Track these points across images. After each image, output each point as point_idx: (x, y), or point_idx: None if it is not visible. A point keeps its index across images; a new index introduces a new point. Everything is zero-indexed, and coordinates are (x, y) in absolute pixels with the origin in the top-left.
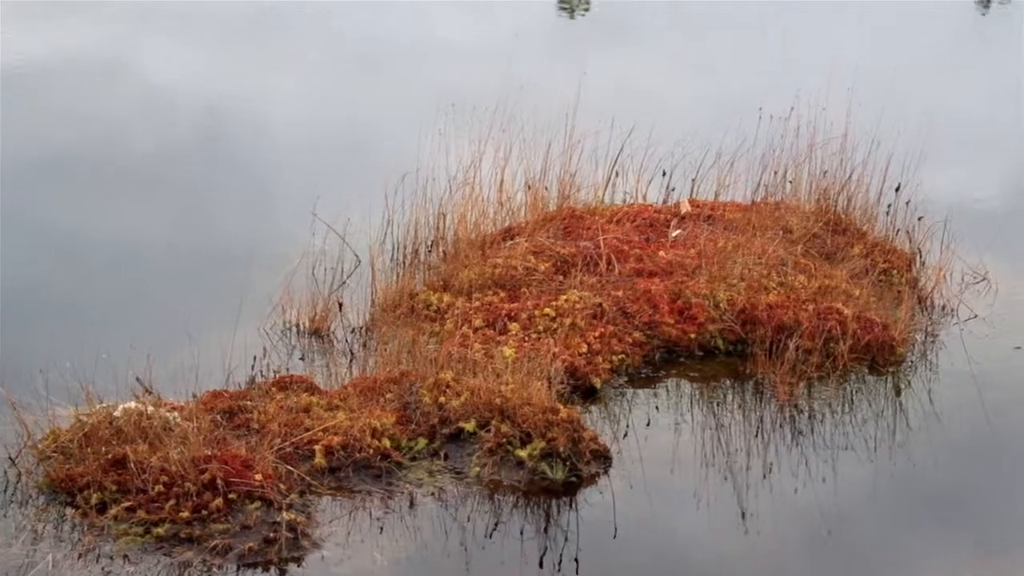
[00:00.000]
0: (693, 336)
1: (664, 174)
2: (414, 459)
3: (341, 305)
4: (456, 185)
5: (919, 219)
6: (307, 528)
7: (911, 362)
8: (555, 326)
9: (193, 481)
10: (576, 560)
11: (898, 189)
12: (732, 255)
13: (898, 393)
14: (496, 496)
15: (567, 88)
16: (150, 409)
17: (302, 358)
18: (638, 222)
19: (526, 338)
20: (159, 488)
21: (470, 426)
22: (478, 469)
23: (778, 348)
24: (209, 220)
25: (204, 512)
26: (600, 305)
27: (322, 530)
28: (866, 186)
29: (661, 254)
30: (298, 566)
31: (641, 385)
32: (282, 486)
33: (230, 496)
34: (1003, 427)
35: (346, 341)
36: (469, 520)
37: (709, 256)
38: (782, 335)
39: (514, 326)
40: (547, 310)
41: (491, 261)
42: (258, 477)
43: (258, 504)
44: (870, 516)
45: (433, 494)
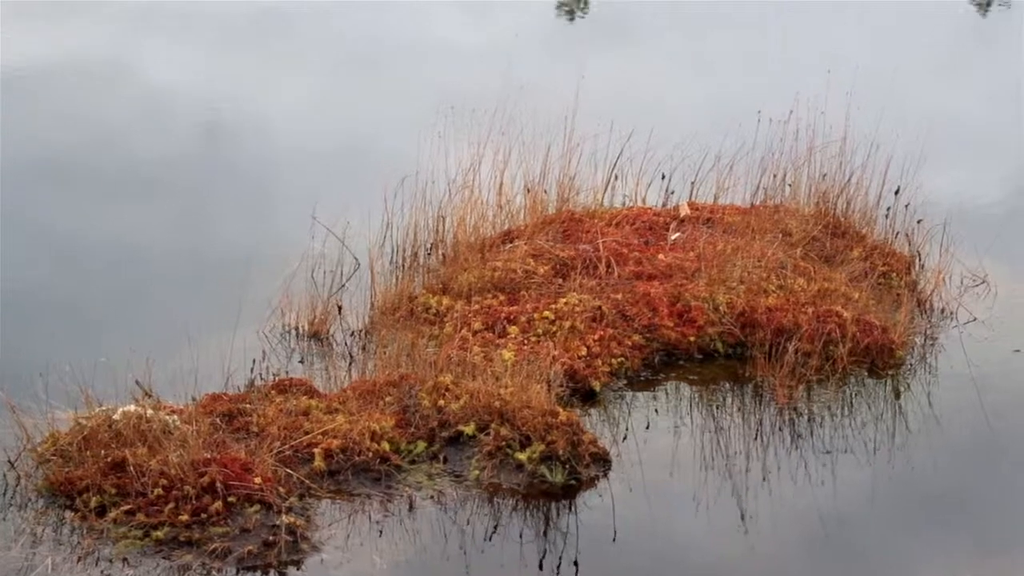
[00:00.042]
0: (692, 339)
1: (663, 177)
2: (413, 462)
3: (340, 308)
4: (455, 188)
5: (918, 222)
6: (306, 531)
7: (910, 365)
8: (554, 329)
9: (192, 484)
10: (575, 563)
11: (897, 192)
12: (731, 258)
13: (897, 396)
14: (495, 499)
15: (566, 90)
16: (149, 412)
17: (301, 361)
18: (637, 225)
19: (525, 341)
20: (158, 491)
21: (469, 429)
22: (477, 472)
23: (777, 351)
24: (208, 223)
25: (203, 515)
26: (599, 308)
27: (321, 533)
28: (865, 189)
29: (660, 257)
30: (297, 569)
31: (640, 388)
32: (281, 489)
33: (229, 499)
34: (1002, 430)
35: (345, 344)
36: (468, 523)
37: (708, 259)
38: (781, 338)
39: (513, 329)
40: (546, 313)
41: (490, 264)
42: (257, 480)
43: (257, 507)
44: (869, 519)
45: (432, 497)
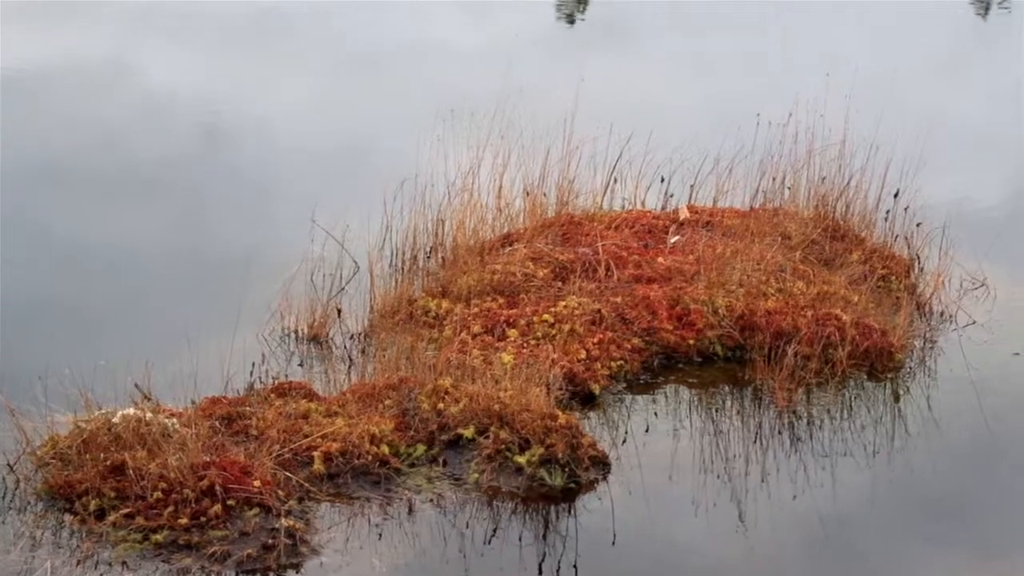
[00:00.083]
0: (692, 342)
1: (662, 180)
2: (413, 465)
3: (340, 311)
4: (455, 191)
5: (918, 225)
6: (306, 534)
7: (910, 368)
8: (554, 332)
9: (192, 487)
10: (575, 567)
11: (897, 195)
12: (731, 261)
13: (897, 399)
14: (495, 502)
15: (565, 93)
16: (149, 415)
17: (301, 364)
18: (637, 228)
19: (525, 344)
20: (158, 494)
21: (469, 432)
22: (477, 475)
23: (777, 354)
24: (208, 226)
25: (203, 518)
26: (599, 311)
27: (321, 536)
28: (864, 192)
29: (660, 260)
30: (297, 572)
31: (640, 391)
32: (281, 492)
33: (229, 502)
34: (1002, 433)
35: (345, 347)
36: (468, 526)
37: (708, 262)
38: (781, 341)
39: (513, 332)
40: (546, 316)
41: (490, 267)
42: (257, 483)
43: (257, 510)
44: (869, 522)
45: (432, 500)
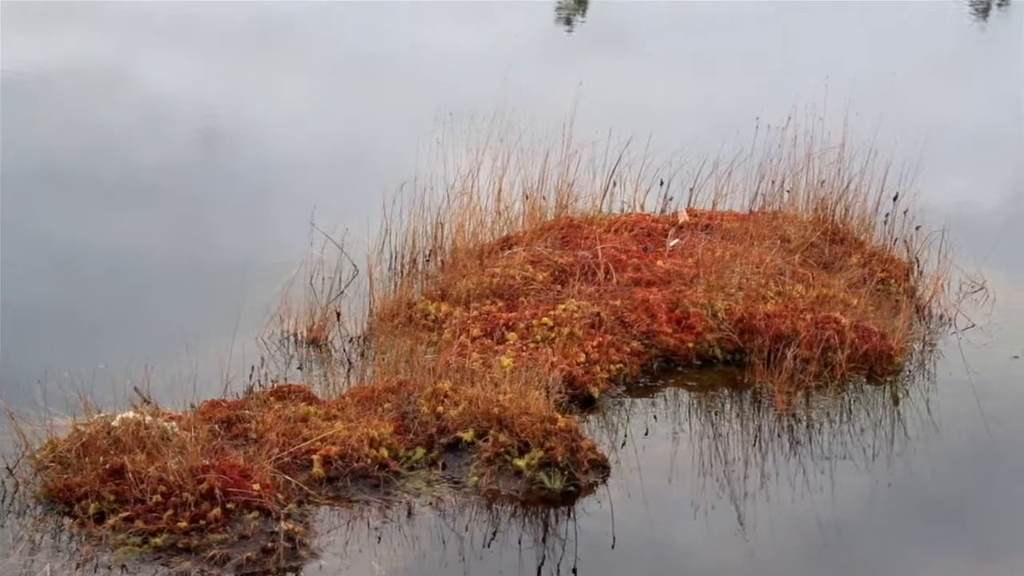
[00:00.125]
0: (691, 345)
1: (662, 183)
2: (412, 469)
3: (339, 314)
4: (454, 194)
5: (917, 228)
6: (305, 538)
7: (909, 371)
8: (553, 335)
9: (191, 491)
10: (574, 570)
11: (896, 198)
12: (730, 264)
13: (896, 402)
14: (494, 506)
15: (565, 97)
16: (148, 419)
17: (300, 367)
18: (636, 231)
19: (524, 347)
20: (157, 498)
21: (468, 435)
22: (476, 479)
23: (776, 357)
24: (207, 229)
25: (202, 522)
26: (598, 314)
27: (320, 540)
28: (864, 195)
29: (659, 263)
30: None
31: (639, 394)
32: (280, 496)
33: (228, 506)
34: (1001, 436)
35: (344, 350)
36: (467, 530)
37: (707, 265)
38: (780, 344)
39: (512, 335)
40: (545, 319)
41: (489, 271)
42: (256, 487)
43: (256, 514)
44: (868, 525)
45: (431, 504)
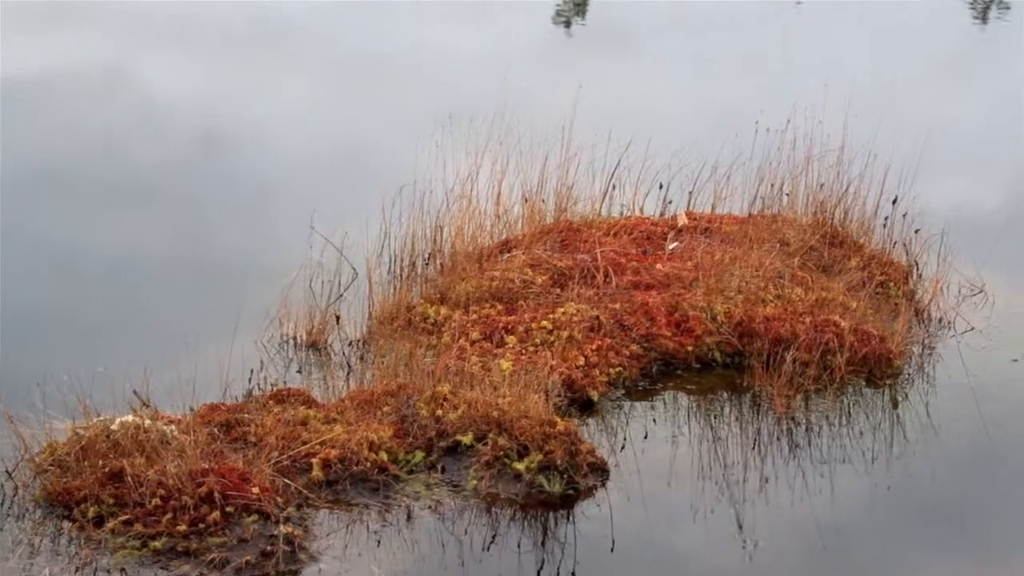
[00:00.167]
0: (690, 349)
1: (661, 187)
2: (411, 472)
3: (338, 318)
4: (453, 198)
5: (916, 231)
6: (304, 541)
7: (908, 374)
8: (552, 339)
9: (190, 494)
10: (573, 573)
11: (895, 201)
12: (729, 268)
13: (895, 405)
14: (493, 509)
15: (564, 99)
16: (147, 422)
17: (299, 371)
18: (635, 235)
19: (523, 351)
20: (156, 501)
21: (467, 439)
22: (475, 482)
23: (775, 360)
24: (206, 233)
25: (201, 525)
26: (597, 318)
27: (319, 543)
28: (863, 199)
29: (658, 267)
30: None
31: (638, 398)
32: (279, 499)
33: (227, 509)
34: (1001, 439)
35: (343, 354)
36: (466, 533)
37: (706, 269)
38: (779, 347)
39: (511, 339)
40: (544, 323)
41: (488, 274)
42: (255, 490)
43: (255, 517)
44: (867, 529)
45: (430, 507)
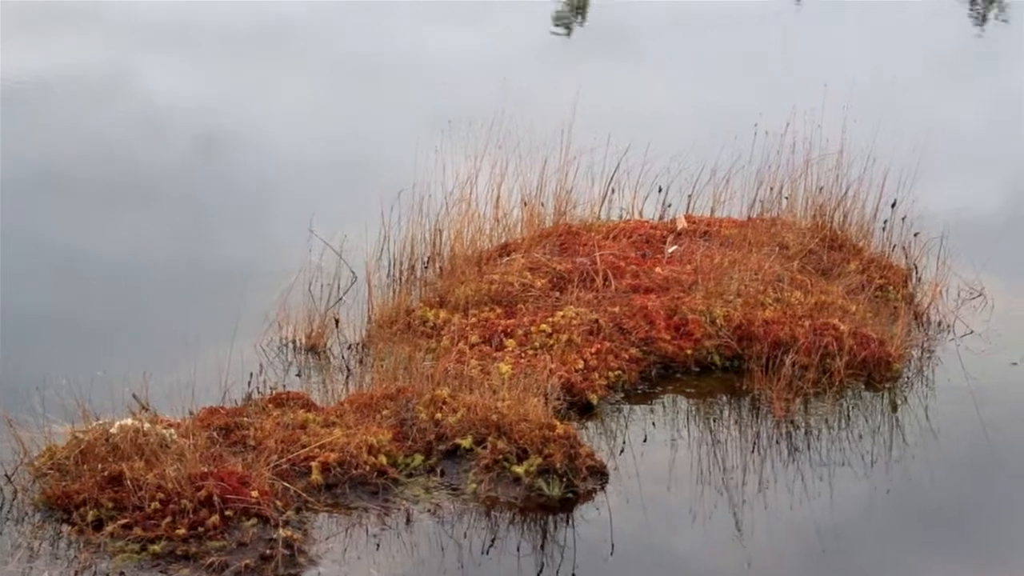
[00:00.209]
0: (689, 352)
1: (660, 190)
2: (410, 476)
3: (338, 321)
4: (452, 201)
5: (915, 235)
6: (303, 545)
7: (907, 378)
8: (551, 342)
9: (189, 498)
10: None
11: (894, 205)
12: (728, 271)
13: (894, 409)
14: (493, 513)
15: (563, 102)
16: (146, 426)
17: (298, 374)
18: (634, 238)
19: (522, 354)
20: (155, 505)
21: (466, 442)
22: (474, 485)
23: (774, 364)
24: (206, 236)
25: (200, 529)
26: (596, 321)
27: (319, 547)
28: (862, 202)
29: (657, 270)
30: None
31: (637, 401)
32: (278, 503)
33: (226, 513)
34: (1000, 443)
35: (342, 357)
36: (466, 537)
37: (705, 272)
38: (778, 351)
39: (510, 342)
40: (543, 326)
41: (487, 277)
42: (254, 494)
43: (254, 521)
44: (866, 532)
45: (430, 511)
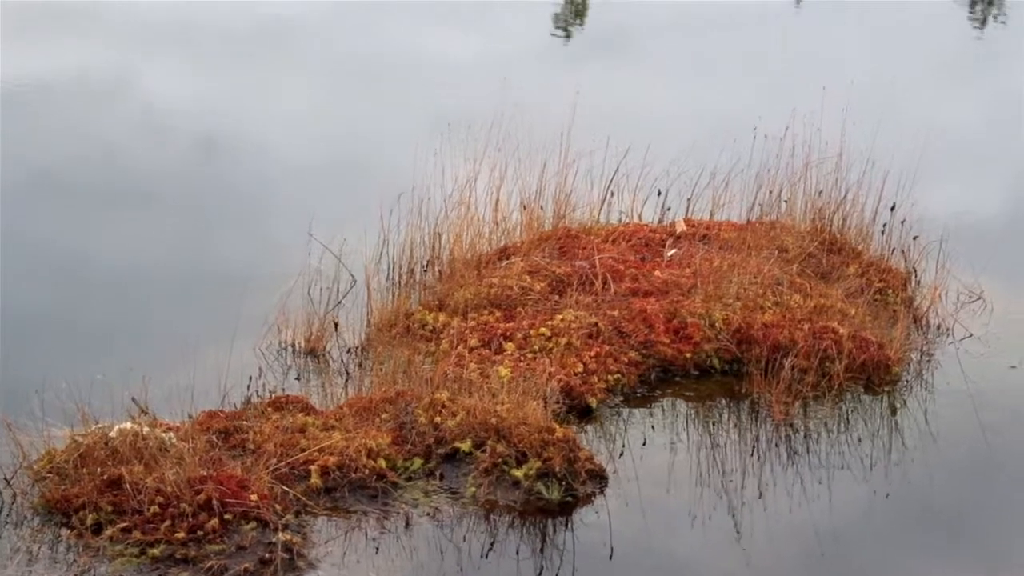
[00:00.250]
0: (689, 355)
1: (659, 193)
2: (410, 479)
3: (337, 325)
4: (451, 204)
5: (914, 238)
6: (303, 548)
7: (907, 381)
8: (551, 346)
9: (189, 502)
10: None
11: (893, 208)
12: (727, 274)
13: (894, 412)
14: (492, 516)
15: (562, 105)
16: (146, 430)
17: (298, 378)
18: (633, 241)
19: (522, 358)
20: (155, 509)
21: (466, 446)
22: (474, 489)
23: (774, 367)
24: (205, 240)
25: (200, 533)
26: (596, 325)
27: (318, 550)
28: (861, 205)
29: (656, 273)
30: None
31: (637, 404)
32: (278, 506)
33: (226, 517)
34: (999, 446)
35: (342, 361)
36: (465, 540)
37: (704, 275)
38: (777, 354)
39: (509, 346)
40: (543, 330)
41: (487, 281)
42: (254, 497)
43: (254, 524)
44: (866, 535)
45: (429, 514)
